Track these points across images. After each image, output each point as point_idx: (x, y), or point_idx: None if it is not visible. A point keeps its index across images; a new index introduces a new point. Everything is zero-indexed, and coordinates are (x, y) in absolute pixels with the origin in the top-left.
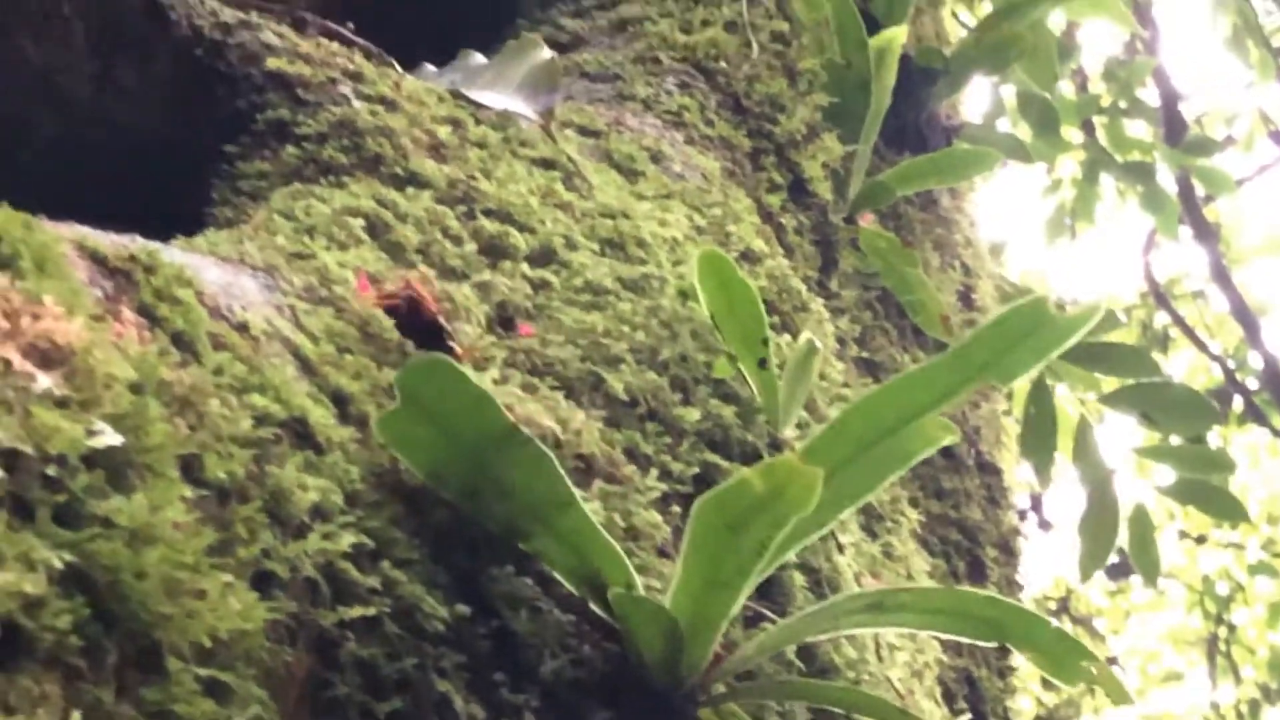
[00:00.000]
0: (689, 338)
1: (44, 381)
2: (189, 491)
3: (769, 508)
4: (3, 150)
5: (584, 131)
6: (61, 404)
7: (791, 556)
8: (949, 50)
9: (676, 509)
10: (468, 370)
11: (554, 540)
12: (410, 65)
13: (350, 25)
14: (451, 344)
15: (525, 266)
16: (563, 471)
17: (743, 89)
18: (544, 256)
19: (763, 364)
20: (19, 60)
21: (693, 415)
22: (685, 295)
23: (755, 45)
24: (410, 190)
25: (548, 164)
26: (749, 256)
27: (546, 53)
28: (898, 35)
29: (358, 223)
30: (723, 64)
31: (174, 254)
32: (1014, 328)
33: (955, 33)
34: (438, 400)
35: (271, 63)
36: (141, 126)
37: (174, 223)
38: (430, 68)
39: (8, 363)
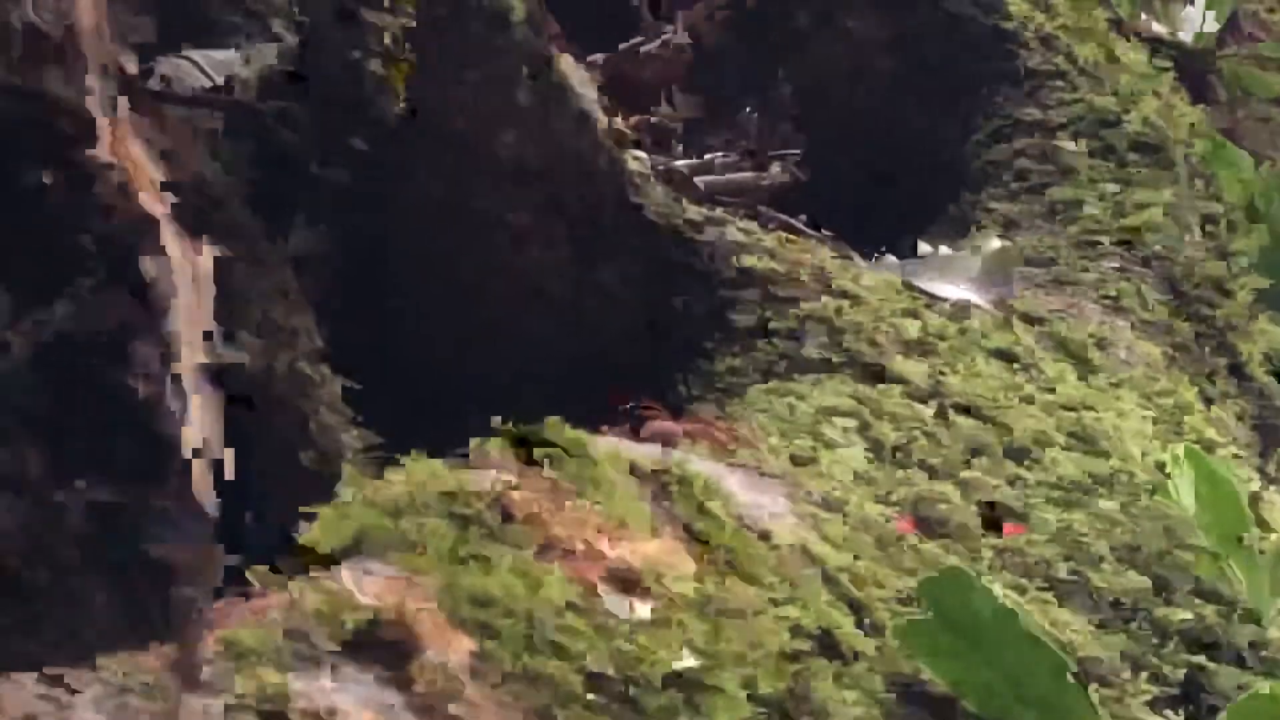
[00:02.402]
0: (1165, 534)
1: (641, 610)
2: (749, 710)
3: None
4: (497, 346)
5: (1029, 319)
6: (648, 627)
7: None
8: None
9: (1169, 712)
10: (988, 581)
11: None
12: (855, 246)
13: (804, 217)
14: None
15: (1002, 465)
16: (1081, 684)
17: (1180, 272)
18: (1017, 453)
19: (1245, 559)
20: (505, 261)
21: (1177, 615)
22: (1155, 490)
23: (1190, 227)
24: (884, 387)
25: (1006, 355)
26: (1203, 445)
27: (998, 241)
28: None
29: (842, 422)
30: (1159, 247)
31: (703, 466)
32: None
33: None
34: (959, 610)
35: (743, 260)
36: (616, 325)
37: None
38: (891, 258)
39: (595, 586)
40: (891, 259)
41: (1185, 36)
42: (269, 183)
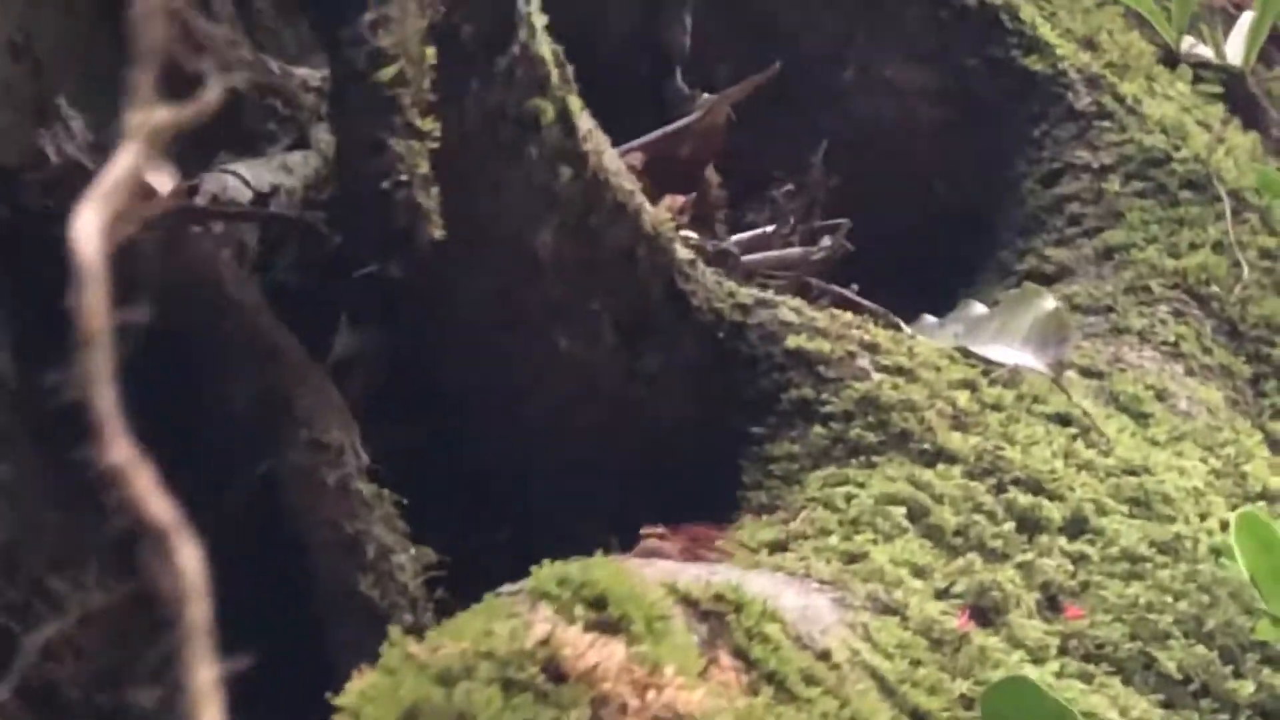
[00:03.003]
0: (1229, 600)
1: None
2: None
3: None
4: (550, 441)
5: (1086, 373)
6: None
7: None
8: None
9: None
10: (1048, 689)
11: None
12: (901, 307)
13: (855, 287)
14: None
15: (1062, 540)
16: None
17: (1237, 313)
18: (1076, 526)
19: None
20: (554, 356)
21: (1246, 689)
22: (1218, 553)
23: (1244, 264)
24: (940, 467)
25: (1063, 419)
26: (1267, 495)
27: (1051, 302)
28: None
29: (899, 511)
30: (1214, 288)
31: (754, 584)
32: None
33: None
34: (1021, 717)
35: (791, 341)
36: (668, 413)
37: (706, 503)
38: (930, 319)
39: None
40: (931, 319)
41: (1234, 59)
42: (311, 290)
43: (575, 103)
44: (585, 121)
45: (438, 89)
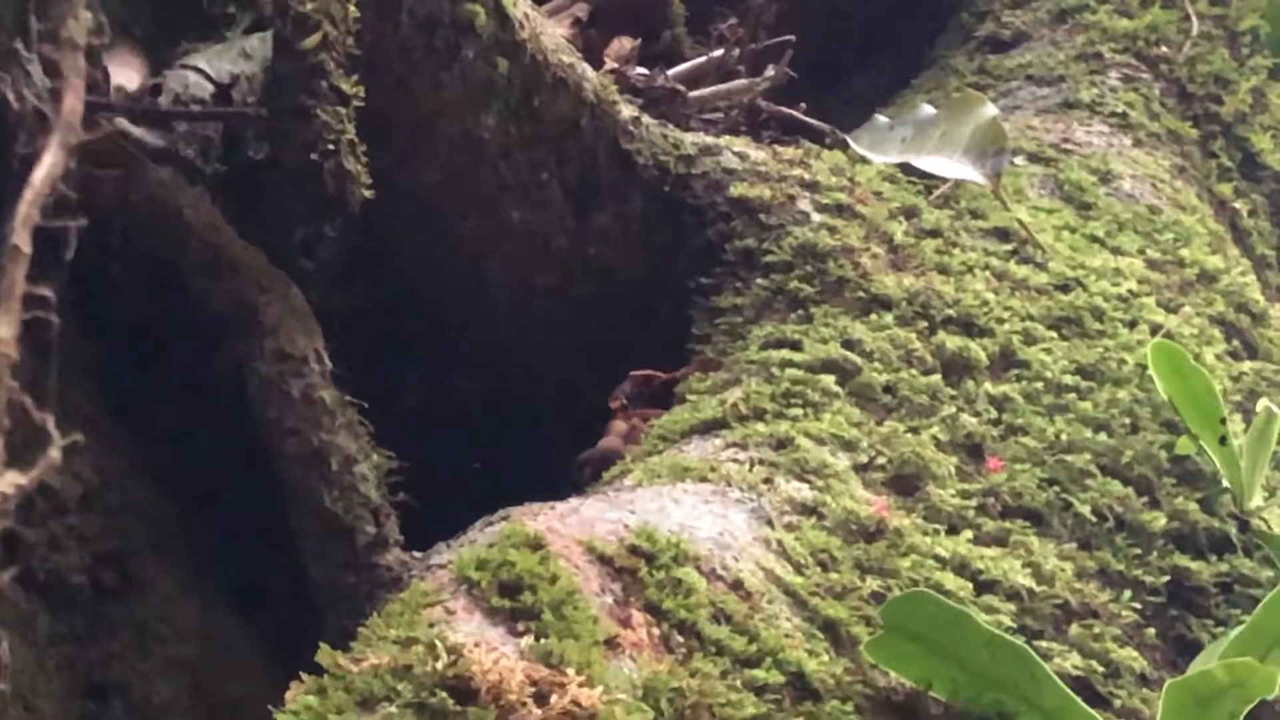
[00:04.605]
0: (1149, 421)
1: None
2: None
3: (1233, 693)
4: (513, 303)
5: (1034, 159)
6: None
7: None
8: None
9: (1151, 630)
10: (942, 598)
11: (1041, 717)
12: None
13: (803, 105)
14: None
15: (987, 385)
16: (1037, 657)
17: (1185, 73)
18: (1003, 362)
19: (1223, 441)
20: (508, 225)
21: (1159, 521)
22: (1143, 367)
23: (1194, 16)
24: (873, 316)
25: (1001, 234)
26: (1205, 278)
27: (990, 110)
28: None
29: (829, 379)
30: (1163, 49)
31: (672, 516)
32: None
33: None
34: (922, 624)
35: (734, 189)
36: (619, 267)
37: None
38: (881, 119)
39: None
40: (882, 120)
41: None
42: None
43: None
44: (520, 9)
45: (372, 7)
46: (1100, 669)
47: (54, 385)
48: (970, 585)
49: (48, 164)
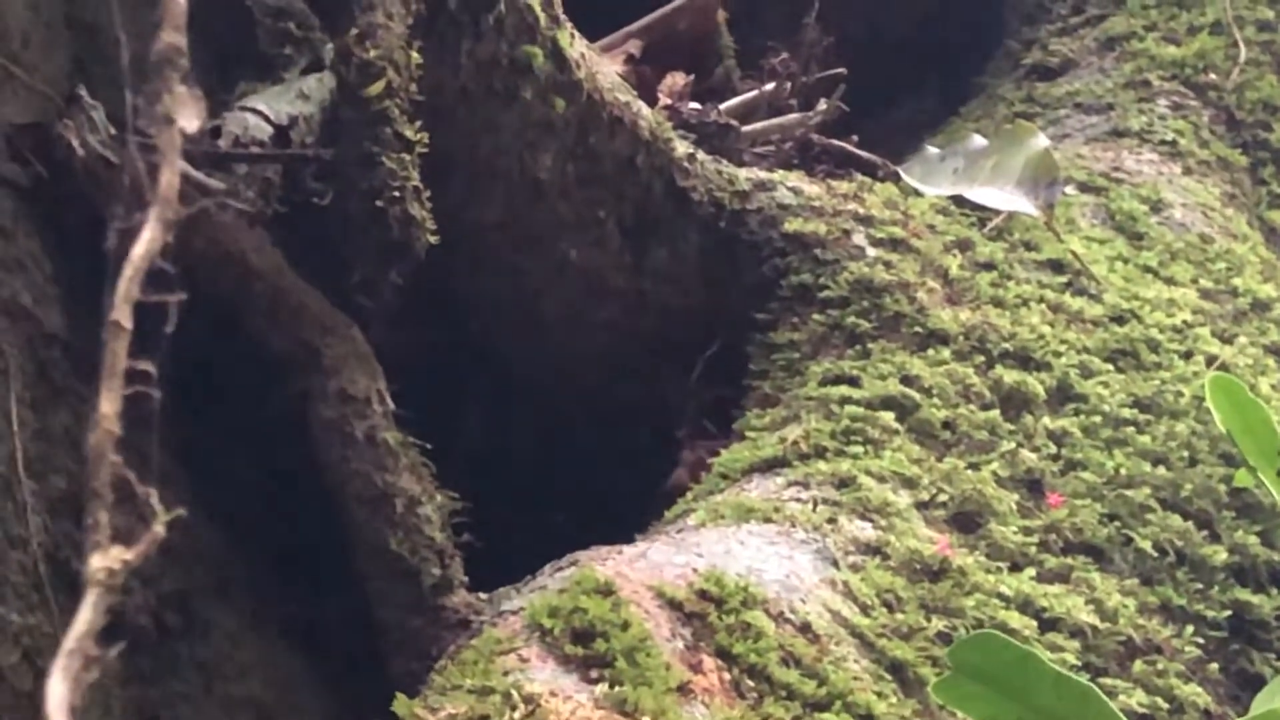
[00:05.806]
0: (1207, 454)
1: None
2: None
3: None
4: (570, 341)
5: (1084, 188)
6: None
7: None
8: None
9: (1214, 665)
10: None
11: None
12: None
13: (854, 139)
14: None
15: (1045, 419)
16: (1103, 696)
17: (1234, 100)
18: (1060, 395)
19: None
20: (566, 264)
21: (1220, 555)
22: (1200, 399)
23: (1241, 43)
24: (930, 351)
25: (1055, 265)
26: (1258, 307)
27: (1042, 140)
28: None
29: (888, 416)
30: (1212, 75)
31: (739, 559)
32: None
33: None
34: (989, 665)
35: (789, 225)
36: (676, 304)
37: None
38: (932, 150)
39: None
40: (933, 151)
41: None
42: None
43: (565, 37)
44: (576, 49)
45: (433, 53)
46: (1165, 705)
47: (156, 459)
48: (1035, 623)
49: (147, 239)
